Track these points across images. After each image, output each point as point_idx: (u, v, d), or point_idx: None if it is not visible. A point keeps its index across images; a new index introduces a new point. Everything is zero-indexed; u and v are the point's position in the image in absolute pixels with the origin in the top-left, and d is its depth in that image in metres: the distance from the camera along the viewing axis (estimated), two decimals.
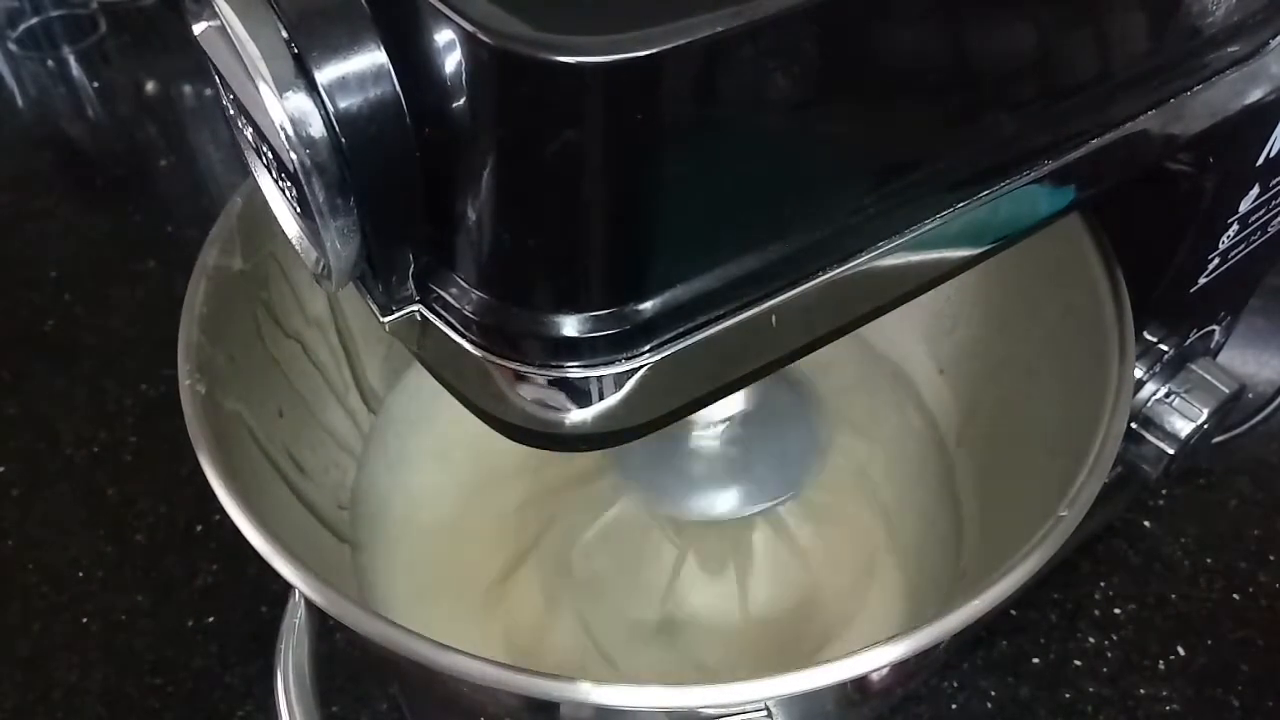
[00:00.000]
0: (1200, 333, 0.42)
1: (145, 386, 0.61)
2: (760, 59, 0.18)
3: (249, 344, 0.39)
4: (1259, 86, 0.30)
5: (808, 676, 0.26)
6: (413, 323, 0.22)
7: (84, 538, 0.54)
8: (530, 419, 0.23)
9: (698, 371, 0.23)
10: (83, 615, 0.51)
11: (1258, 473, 0.55)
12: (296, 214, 0.22)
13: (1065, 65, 0.25)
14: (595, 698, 0.26)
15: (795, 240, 0.22)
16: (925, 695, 0.48)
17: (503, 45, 0.17)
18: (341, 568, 0.43)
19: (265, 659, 0.32)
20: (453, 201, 0.20)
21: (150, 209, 0.73)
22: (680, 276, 0.21)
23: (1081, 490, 0.31)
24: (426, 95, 0.18)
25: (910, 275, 0.25)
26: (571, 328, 0.21)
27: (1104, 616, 0.50)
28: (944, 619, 0.28)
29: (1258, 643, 0.49)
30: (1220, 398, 0.40)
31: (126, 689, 0.48)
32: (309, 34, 0.18)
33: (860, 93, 0.21)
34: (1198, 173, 0.34)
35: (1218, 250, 0.37)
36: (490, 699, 0.30)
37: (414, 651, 0.27)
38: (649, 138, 0.18)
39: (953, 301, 0.47)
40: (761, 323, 0.23)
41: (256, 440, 0.38)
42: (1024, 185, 0.25)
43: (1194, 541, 0.53)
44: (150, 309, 0.65)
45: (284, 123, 0.18)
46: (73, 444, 0.58)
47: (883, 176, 0.23)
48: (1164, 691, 0.47)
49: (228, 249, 0.38)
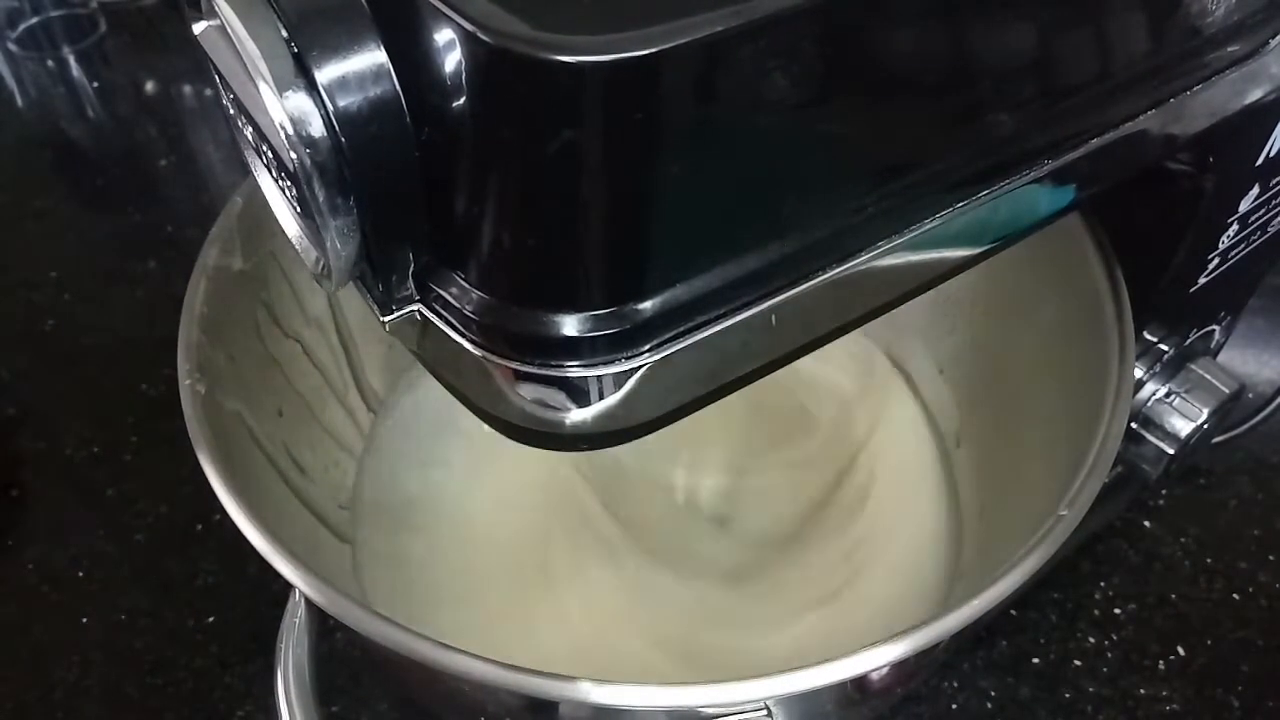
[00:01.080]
0: (1200, 332, 0.42)
1: (145, 386, 0.61)
2: (759, 58, 0.18)
3: (249, 344, 0.39)
4: (1259, 86, 0.30)
5: (807, 676, 0.26)
6: (413, 322, 0.22)
7: (84, 537, 0.54)
8: (530, 418, 0.23)
9: (698, 371, 0.23)
10: (82, 615, 0.51)
11: (1258, 473, 0.55)
12: (296, 213, 0.22)
13: (1065, 65, 0.25)
14: (595, 697, 0.26)
15: (795, 240, 0.22)
16: (925, 695, 0.47)
17: (502, 44, 0.17)
18: (341, 567, 0.43)
19: (265, 659, 0.32)
20: (453, 201, 0.20)
21: (150, 209, 0.73)
22: (680, 276, 0.21)
23: (1081, 490, 0.31)
24: (426, 95, 0.18)
25: (910, 275, 0.25)
26: (571, 327, 0.21)
27: (1104, 616, 0.50)
28: (944, 618, 0.28)
29: (1258, 643, 0.49)
30: (1220, 397, 0.40)
31: (126, 689, 0.48)
32: (309, 33, 0.18)
33: (860, 92, 0.21)
34: (1197, 172, 0.34)
35: (1217, 250, 0.37)
36: (490, 698, 0.30)
37: (414, 651, 0.27)
38: (648, 137, 0.18)
39: (953, 301, 0.47)
40: (761, 322, 0.23)
41: (256, 440, 0.38)
42: (1024, 185, 0.25)
43: (1194, 541, 0.53)
44: (150, 309, 0.65)
45: (284, 122, 0.18)
46: (73, 444, 0.58)
47: (882, 176, 0.23)
48: (1164, 692, 0.47)
49: (228, 249, 0.38)
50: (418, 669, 0.29)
